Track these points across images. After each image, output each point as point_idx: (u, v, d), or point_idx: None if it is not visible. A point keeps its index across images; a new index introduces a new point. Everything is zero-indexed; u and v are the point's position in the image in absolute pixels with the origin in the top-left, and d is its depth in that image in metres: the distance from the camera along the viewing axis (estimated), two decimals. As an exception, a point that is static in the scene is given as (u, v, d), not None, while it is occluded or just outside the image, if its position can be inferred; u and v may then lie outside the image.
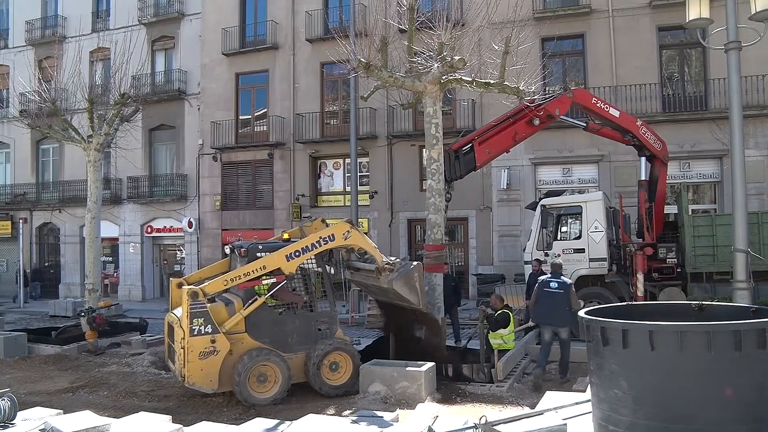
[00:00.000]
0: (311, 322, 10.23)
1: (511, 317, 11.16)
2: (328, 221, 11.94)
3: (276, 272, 9.82)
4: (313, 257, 10.27)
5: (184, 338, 9.16)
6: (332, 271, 11.25)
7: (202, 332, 9.20)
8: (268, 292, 9.73)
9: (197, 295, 9.27)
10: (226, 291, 10.03)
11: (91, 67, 26.79)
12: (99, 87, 17.21)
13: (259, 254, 9.97)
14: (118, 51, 16.47)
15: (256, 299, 9.66)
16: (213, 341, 9.24)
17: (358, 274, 11.23)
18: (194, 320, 9.19)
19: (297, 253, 9.92)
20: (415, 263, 10.48)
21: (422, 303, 10.33)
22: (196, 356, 9.16)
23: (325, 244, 10.13)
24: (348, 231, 10.25)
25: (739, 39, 9.80)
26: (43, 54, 28.46)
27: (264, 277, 9.73)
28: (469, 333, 13.80)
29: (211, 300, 9.78)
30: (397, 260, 10.78)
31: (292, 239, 10.80)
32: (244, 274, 9.67)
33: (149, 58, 26.61)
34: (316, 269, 10.62)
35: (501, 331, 10.98)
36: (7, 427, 6.64)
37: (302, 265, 10.31)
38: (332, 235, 10.18)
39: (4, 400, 6.75)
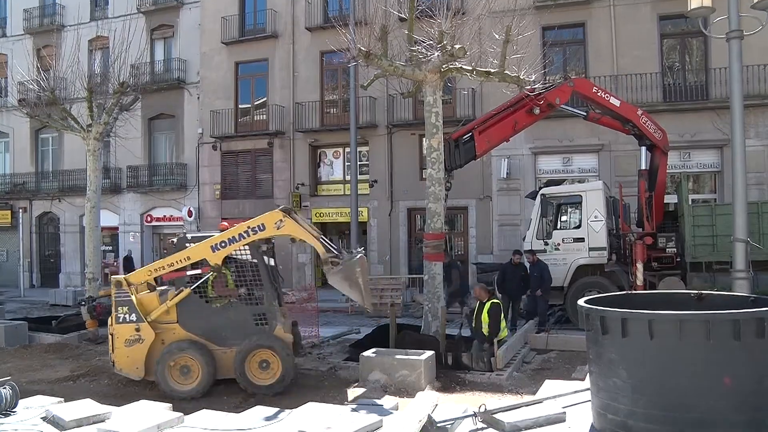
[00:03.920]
0: (248, 316, 9.74)
1: (501, 308, 10.87)
2: (297, 210, 11.08)
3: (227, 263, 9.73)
4: (246, 248, 9.75)
5: (112, 325, 9.51)
6: (272, 262, 10.67)
7: (127, 320, 9.48)
8: (193, 284, 9.64)
9: (121, 284, 9.55)
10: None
11: (89, 55, 26.62)
12: (98, 76, 17.12)
13: (188, 245, 9.86)
14: (117, 40, 16.39)
15: (181, 290, 9.65)
16: (137, 330, 9.45)
17: None
18: (119, 308, 9.50)
19: (223, 244, 9.51)
20: (358, 256, 9.47)
21: (366, 301, 9.55)
22: (122, 343, 9.45)
23: (254, 234, 9.49)
24: (281, 220, 9.44)
25: (741, 28, 9.77)
26: (41, 42, 28.32)
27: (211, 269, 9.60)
28: (459, 321, 13.77)
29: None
30: (349, 251, 9.98)
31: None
32: (168, 264, 9.68)
33: (148, 47, 26.45)
34: (251, 260, 9.92)
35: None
36: (9, 414, 6.67)
37: (239, 256, 9.90)
38: (262, 224, 9.50)
39: (5, 388, 6.79)
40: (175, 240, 10.34)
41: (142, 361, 9.43)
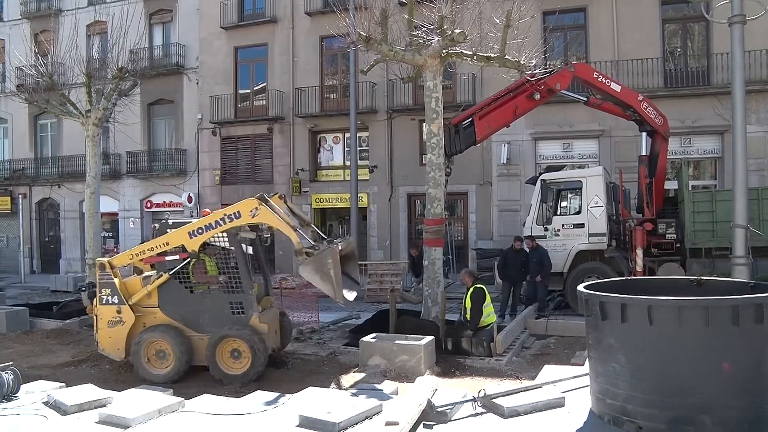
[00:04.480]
0: (224, 304, 9.73)
1: (485, 293, 10.77)
2: (284, 197, 10.43)
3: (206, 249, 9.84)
4: (224, 235, 9.74)
5: (96, 306, 9.84)
6: (250, 251, 10.53)
7: (109, 302, 9.83)
8: (171, 270, 9.70)
9: (104, 267, 9.89)
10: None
11: (88, 41, 26.42)
12: (96, 61, 17.00)
13: (168, 230, 9.91)
14: (116, 24, 16.29)
15: (161, 275, 9.74)
16: (119, 311, 9.76)
17: None
18: (102, 290, 9.85)
19: (200, 231, 9.56)
20: (331, 247, 9.06)
21: (338, 295, 9.02)
22: (105, 324, 9.84)
23: (230, 221, 9.50)
24: (256, 208, 9.31)
25: (744, 12, 9.70)
26: (38, 27, 28.16)
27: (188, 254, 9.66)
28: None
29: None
30: (331, 242, 9.60)
31: None
32: (148, 249, 9.87)
33: (147, 32, 26.22)
34: (228, 247, 9.92)
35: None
36: (11, 399, 6.72)
37: (218, 243, 9.92)
38: (238, 212, 9.45)
39: (7, 373, 6.83)
40: (158, 225, 10.42)
41: (123, 343, 9.68)
